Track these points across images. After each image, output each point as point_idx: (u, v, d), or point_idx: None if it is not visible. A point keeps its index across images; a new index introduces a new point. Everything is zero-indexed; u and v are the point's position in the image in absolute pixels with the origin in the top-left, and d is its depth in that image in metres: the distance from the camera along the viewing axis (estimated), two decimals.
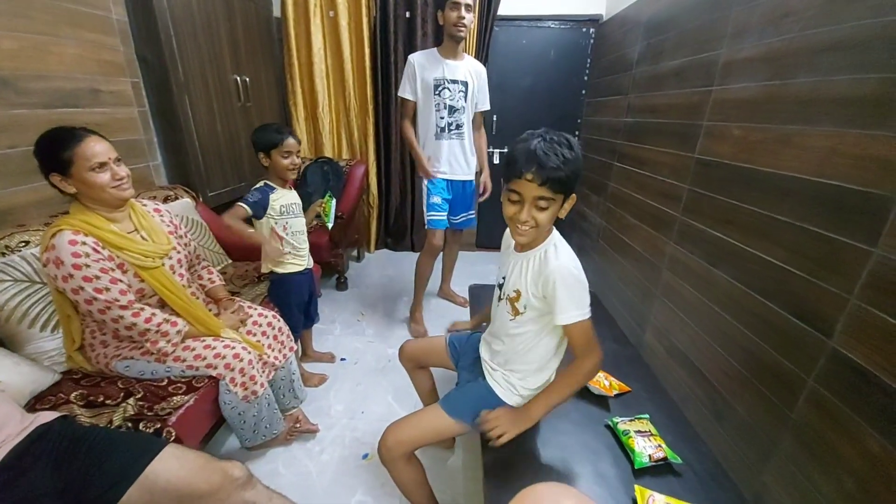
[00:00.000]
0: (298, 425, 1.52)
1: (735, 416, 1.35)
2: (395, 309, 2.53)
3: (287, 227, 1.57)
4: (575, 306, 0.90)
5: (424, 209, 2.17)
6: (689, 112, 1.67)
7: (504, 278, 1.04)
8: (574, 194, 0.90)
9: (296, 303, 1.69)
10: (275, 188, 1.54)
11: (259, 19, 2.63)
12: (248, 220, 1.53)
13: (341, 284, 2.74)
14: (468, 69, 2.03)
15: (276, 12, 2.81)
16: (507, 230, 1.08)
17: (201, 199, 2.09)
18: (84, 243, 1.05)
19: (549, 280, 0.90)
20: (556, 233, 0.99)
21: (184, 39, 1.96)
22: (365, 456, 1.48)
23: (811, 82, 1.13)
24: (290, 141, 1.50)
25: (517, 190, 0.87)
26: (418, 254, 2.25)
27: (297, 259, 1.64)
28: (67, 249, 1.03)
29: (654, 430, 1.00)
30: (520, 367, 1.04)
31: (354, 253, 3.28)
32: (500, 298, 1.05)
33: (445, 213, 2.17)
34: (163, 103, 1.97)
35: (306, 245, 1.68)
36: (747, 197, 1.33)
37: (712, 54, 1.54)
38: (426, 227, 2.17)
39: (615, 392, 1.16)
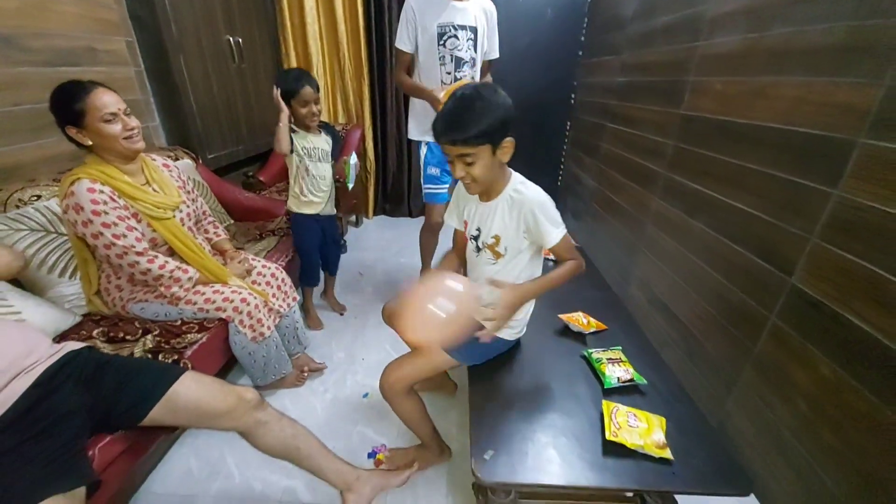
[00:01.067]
0: (306, 371, 1.64)
1: (705, 354, 1.46)
2: (392, 269, 2.63)
3: (309, 169, 1.65)
4: (555, 225, 0.98)
5: (422, 181, 1.96)
6: (677, 69, 1.70)
7: (478, 229, 1.08)
8: (508, 138, 0.93)
9: (307, 244, 1.81)
10: (296, 129, 1.62)
11: None
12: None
13: (341, 247, 2.81)
14: (478, 9, 1.73)
15: None
16: (456, 193, 1.17)
17: (201, 161, 2.14)
18: (101, 191, 1.12)
19: (529, 213, 0.98)
20: (515, 175, 1.04)
21: None
22: (365, 395, 1.60)
23: (786, 33, 1.17)
24: (307, 90, 1.55)
25: (445, 153, 0.95)
26: (416, 220, 2.18)
27: (313, 200, 1.73)
28: (87, 196, 1.10)
29: (624, 358, 1.10)
30: None
31: (353, 219, 3.34)
32: (478, 249, 1.10)
33: (447, 186, 1.94)
34: (158, 63, 1.99)
35: (324, 193, 1.76)
36: (724, 148, 1.39)
37: (699, 9, 1.56)
38: (423, 200, 2.00)
39: (592, 329, 1.26)
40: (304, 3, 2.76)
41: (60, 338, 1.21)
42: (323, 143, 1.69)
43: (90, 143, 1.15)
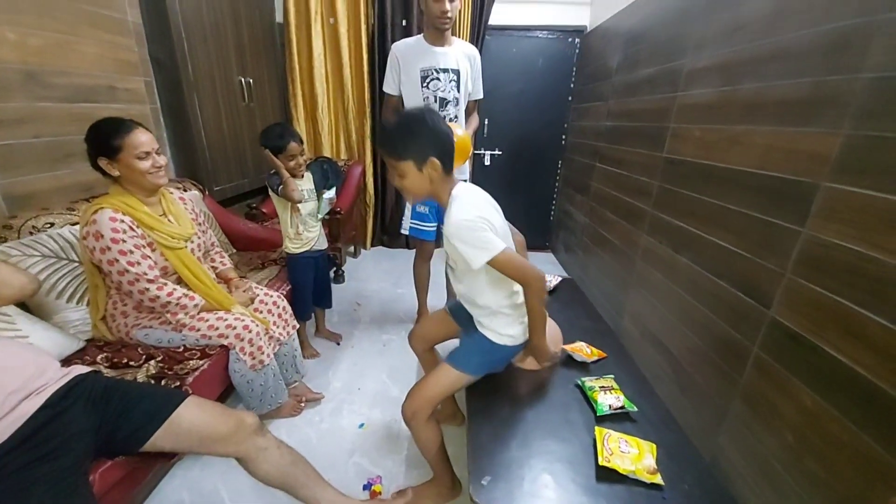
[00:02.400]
0: (302, 401, 1.65)
1: (696, 387, 1.50)
2: (389, 299, 2.66)
3: (299, 209, 1.74)
4: (478, 249, 0.97)
5: (408, 215, 2.00)
6: (658, 115, 1.84)
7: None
8: (433, 160, 0.98)
9: (303, 281, 1.87)
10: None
11: (263, 24, 2.78)
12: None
13: (338, 277, 2.87)
14: (459, 54, 1.84)
15: (279, 18, 2.97)
16: None
17: (208, 193, 2.22)
18: (122, 221, 1.19)
19: (449, 241, 1.02)
20: (456, 190, 1.05)
21: (194, 42, 2.09)
22: (361, 425, 1.60)
23: (756, 87, 1.30)
24: (292, 145, 1.65)
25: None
26: (413, 251, 2.20)
27: (308, 238, 1.81)
28: (108, 225, 1.16)
29: (615, 386, 1.14)
30: (483, 314, 1.16)
31: (351, 249, 3.41)
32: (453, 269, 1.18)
33: (435, 225, 1.98)
34: (173, 101, 2.10)
35: (315, 228, 1.84)
36: (705, 190, 1.50)
37: (678, 63, 1.72)
38: (408, 234, 2.04)
39: (594, 358, 1.30)
40: (313, 48, 2.95)
41: (65, 362, 1.22)
42: (307, 183, 1.79)
43: (118, 174, 1.22)
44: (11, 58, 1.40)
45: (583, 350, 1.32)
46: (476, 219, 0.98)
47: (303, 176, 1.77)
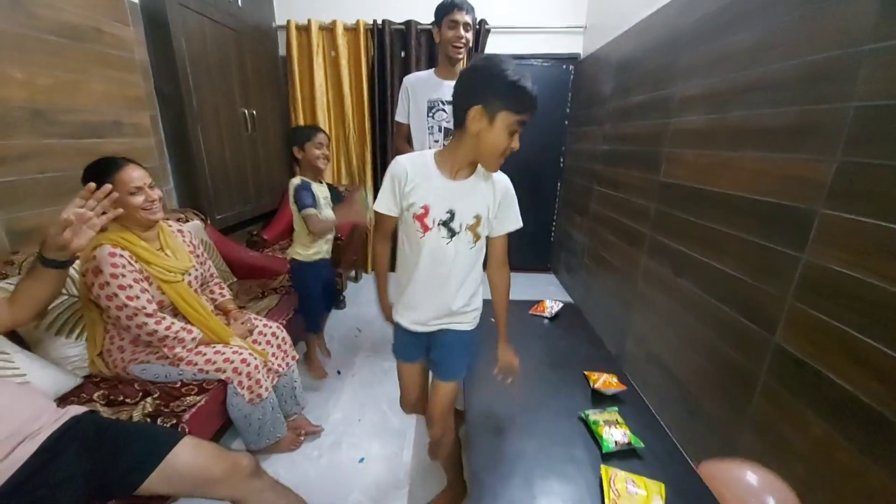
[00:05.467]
0: (301, 434, 1.62)
1: (703, 413, 1.47)
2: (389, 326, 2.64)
3: (320, 216, 1.76)
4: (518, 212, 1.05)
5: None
6: (653, 140, 1.87)
7: (450, 212, 0.98)
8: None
9: (314, 290, 1.89)
10: (310, 182, 1.74)
11: (267, 58, 2.87)
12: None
13: (340, 303, 2.85)
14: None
15: (282, 52, 3.06)
16: (405, 165, 1.00)
17: (209, 222, 2.24)
18: (121, 256, 1.20)
19: (508, 193, 1.04)
20: None
21: (199, 76, 2.16)
22: (361, 460, 1.57)
23: (743, 115, 1.33)
24: (322, 135, 1.75)
25: (527, 121, 0.93)
26: None
27: (317, 247, 1.83)
28: (107, 260, 1.17)
29: (620, 420, 1.11)
30: (472, 287, 1.09)
31: (353, 274, 3.41)
32: (452, 234, 1.00)
33: None
34: (177, 133, 2.15)
35: (330, 236, 1.89)
36: (701, 213, 1.50)
37: (668, 91, 1.75)
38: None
39: (618, 389, 1.26)
40: (315, 79, 3.03)
41: (61, 400, 1.21)
42: (326, 190, 1.86)
43: None
44: (18, 96, 1.44)
45: (610, 383, 1.27)
46: None
47: (322, 182, 1.82)
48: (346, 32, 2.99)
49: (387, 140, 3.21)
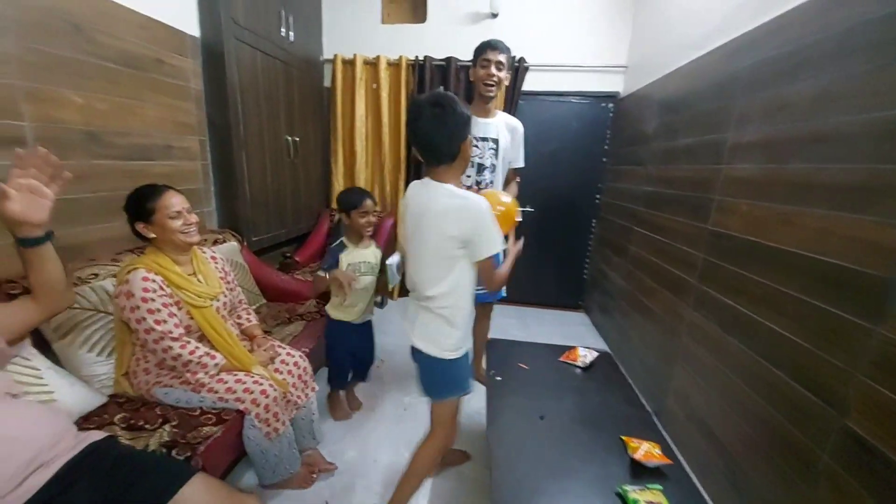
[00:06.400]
0: (315, 472, 1.56)
1: (753, 489, 1.31)
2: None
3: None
4: None
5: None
6: (702, 186, 1.77)
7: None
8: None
9: (339, 349, 1.84)
10: (346, 247, 1.72)
11: (312, 89, 3.00)
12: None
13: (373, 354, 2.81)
14: (501, 125, 1.95)
15: (327, 83, 3.20)
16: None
17: (246, 244, 2.29)
18: (153, 280, 1.23)
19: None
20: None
21: (248, 105, 2.26)
22: None
23: (803, 168, 1.23)
24: (368, 202, 1.71)
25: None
26: None
27: (348, 311, 1.78)
28: (140, 285, 1.20)
29: (665, 502, 0.99)
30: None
31: (378, 299, 3.38)
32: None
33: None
34: (223, 158, 2.24)
35: (363, 303, 1.80)
36: (755, 268, 1.39)
37: (720, 136, 1.67)
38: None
39: (662, 462, 1.13)
40: (356, 110, 3.14)
41: (85, 419, 1.22)
42: (371, 255, 1.78)
43: (153, 236, 1.29)
44: (75, 119, 1.53)
45: (652, 454, 1.14)
46: None
47: (370, 243, 1.79)
48: (388, 67, 3.09)
49: (420, 169, 3.24)
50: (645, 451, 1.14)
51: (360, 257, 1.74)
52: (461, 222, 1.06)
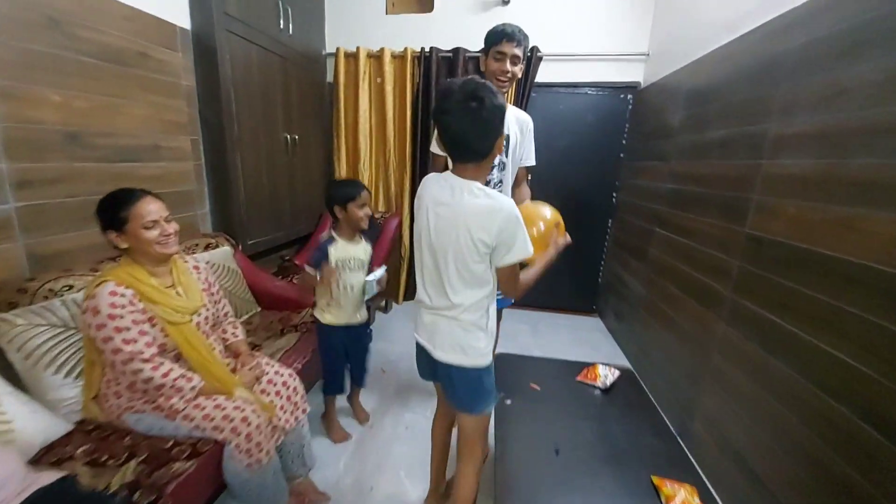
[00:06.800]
0: (306, 503, 1.43)
1: None
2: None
3: (339, 280, 1.58)
4: None
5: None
6: (737, 184, 1.57)
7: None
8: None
9: (331, 354, 1.71)
10: (336, 240, 1.59)
11: (313, 84, 2.86)
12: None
13: (369, 356, 2.68)
14: (511, 120, 1.76)
15: (329, 78, 3.06)
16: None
17: (240, 248, 2.17)
18: (123, 295, 1.11)
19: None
20: None
21: (242, 102, 2.13)
22: None
23: (869, 164, 1.03)
24: (365, 193, 1.60)
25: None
26: None
27: (337, 312, 1.64)
28: (106, 300, 1.08)
29: None
30: None
31: (382, 303, 3.26)
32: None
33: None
34: (216, 158, 2.12)
35: (351, 304, 1.66)
36: (807, 281, 1.19)
37: (760, 127, 1.47)
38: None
39: None
40: (359, 105, 2.99)
41: (45, 450, 1.10)
42: (361, 252, 1.65)
43: (126, 246, 1.17)
44: (53, 119, 1.41)
45: (688, 501, 0.98)
46: None
47: (361, 239, 1.67)
48: (393, 60, 2.94)
49: (427, 168, 3.09)
50: (682, 499, 0.97)
51: (349, 253, 1.61)
52: (490, 225, 0.95)
